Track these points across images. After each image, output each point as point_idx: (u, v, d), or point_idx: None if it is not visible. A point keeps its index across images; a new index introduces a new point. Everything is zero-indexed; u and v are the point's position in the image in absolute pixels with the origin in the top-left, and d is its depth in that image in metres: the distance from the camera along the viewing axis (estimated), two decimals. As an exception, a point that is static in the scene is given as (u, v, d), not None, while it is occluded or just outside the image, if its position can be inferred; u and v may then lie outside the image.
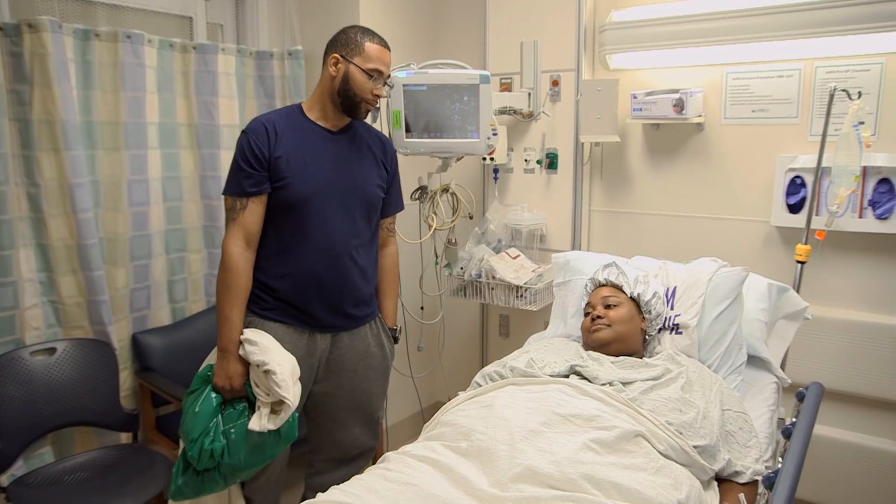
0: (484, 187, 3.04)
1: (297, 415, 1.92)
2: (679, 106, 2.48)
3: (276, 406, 1.85)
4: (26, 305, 2.29)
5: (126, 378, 2.55)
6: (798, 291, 2.32)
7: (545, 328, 2.86)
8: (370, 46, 1.95)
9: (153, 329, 2.64)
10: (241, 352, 1.90)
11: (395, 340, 2.27)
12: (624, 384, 1.79)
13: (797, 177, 2.42)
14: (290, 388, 1.81)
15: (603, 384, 1.78)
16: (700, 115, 2.57)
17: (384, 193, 2.13)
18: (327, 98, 1.98)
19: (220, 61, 2.69)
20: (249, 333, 1.92)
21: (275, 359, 1.85)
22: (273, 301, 2.01)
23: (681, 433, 1.63)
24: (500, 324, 3.13)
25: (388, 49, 2.00)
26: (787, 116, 2.46)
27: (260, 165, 1.92)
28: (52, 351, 2.31)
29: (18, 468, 2.24)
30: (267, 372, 1.83)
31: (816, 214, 2.34)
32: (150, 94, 2.52)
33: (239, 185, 1.93)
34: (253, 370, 1.88)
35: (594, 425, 1.59)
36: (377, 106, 2.04)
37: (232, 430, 1.86)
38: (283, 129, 1.96)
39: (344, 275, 2.02)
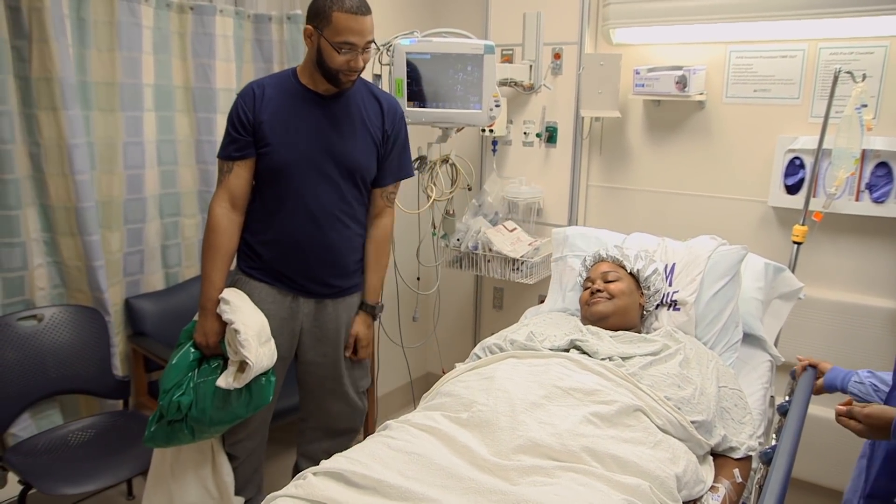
0: (482, 159, 3.02)
1: (273, 379, 1.95)
2: (682, 83, 2.47)
3: (244, 365, 1.87)
4: (34, 265, 2.28)
5: (119, 343, 2.53)
6: (793, 272, 2.34)
7: (539, 302, 2.87)
8: (338, 17, 1.78)
9: (146, 294, 2.62)
10: (217, 310, 1.93)
11: (374, 317, 2.18)
12: (623, 359, 1.81)
13: (796, 158, 2.43)
14: (253, 349, 1.83)
15: (603, 359, 1.80)
16: (702, 93, 2.57)
17: (378, 160, 2.05)
18: (313, 66, 1.91)
19: (218, 23, 2.64)
20: (226, 293, 1.94)
21: (242, 318, 1.87)
22: (259, 262, 2.03)
23: (679, 408, 1.65)
24: (494, 296, 3.14)
25: (364, 13, 1.81)
26: (788, 97, 2.46)
27: (245, 130, 1.92)
28: (39, 318, 2.28)
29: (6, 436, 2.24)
30: (234, 331, 1.86)
31: (814, 196, 2.36)
32: (147, 55, 2.47)
33: (226, 149, 1.95)
34: (228, 329, 1.91)
35: (594, 399, 1.61)
36: (359, 73, 1.91)
37: (202, 385, 1.89)
38: (271, 94, 1.94)
39: (325, 243, 2.01)
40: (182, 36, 2.59)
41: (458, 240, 2.76)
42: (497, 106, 2.29)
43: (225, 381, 1.86)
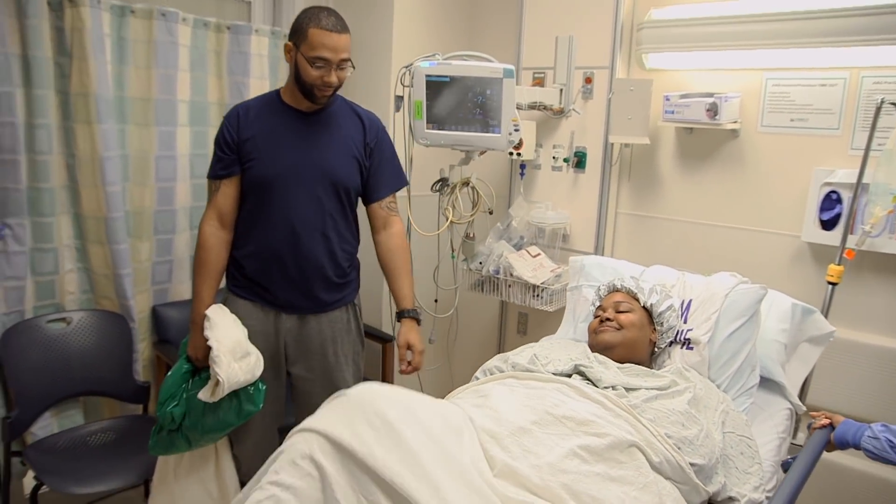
0: (511, 182, 2.99)
1: (262, 387, 2.01)
2: (712, 111, 2.38)
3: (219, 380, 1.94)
4: (64, 270, 2.39)
5: (144, 349, 2.61)
6: (828, 313, 2.21)
7: (562, 329, 2.81)
8: (313, 32, 1.86)
9: (173, 302, 2.70)
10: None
11: (418, 322, 2.16)
12: (628, 390, 1.74)
13: (833, 191, 2.30)
14: (224, 366, 1.88)
15: (605, 388, 1.74)
16: (736, 122, 2.47)
17: (363, 174, 2.10)
18: (293, 83, 1.99)
19: (254, 42, 2.72)
20: (210, 309, 2.01)
21: (216, 335, 1.93)
22: (243, 279, 2.10)
23: (679, 448, 1.57)
24: (519, 321, 3.09)
25: (339, 32, 1.89)
26: (827, 128, 2.34)
27: (229, 149, 2.00)
28: (67, 321, 2.38)
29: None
30: (208, 348, 1.93)
31: (851, 233, 2.23)
32: (183, 72, 2.56)
33: (213, 169, 2.04)
34: None
35: (586, 430, 1.54)
36: (334, 88, 1.97)
37: (194, 397, 1.96)
38: (255, 114, 2.02)
39: (307, 256, 2.05)
40: (218, 54, 2.68)
41: (480, 263, 2.73)
42: (516, 130, 2.26)
43: (204, 394, 1.93)
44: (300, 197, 2.01)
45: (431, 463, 1.33)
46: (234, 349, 1.93)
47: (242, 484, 2.18)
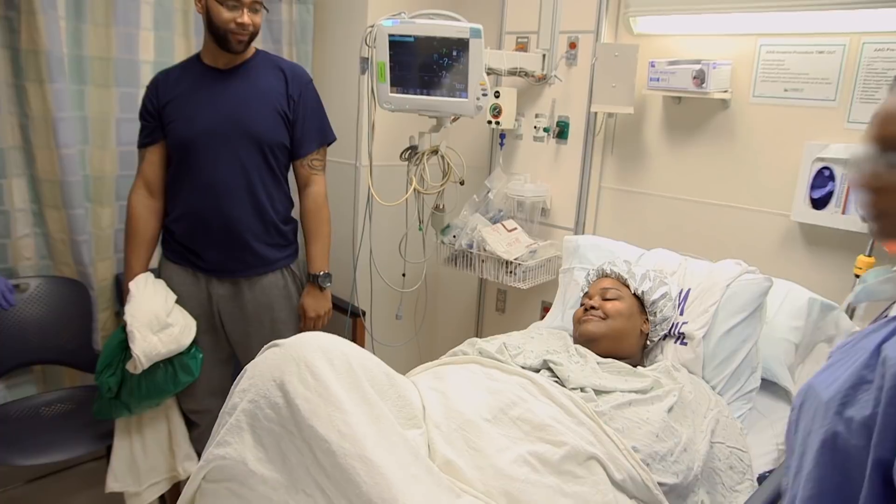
0: (491, 153, 2.85)
1: (199, 356, 2.06)
2: (699, 78, 2.21)
3: None
4: (18, 235, 2.31)
5: (107, 318, 2.54)
6: (853, 311, 2.02)
7: (542, 308, 2.69)
8: None
9: (137, 271, 2.62)
10: None
11: (321, 288, 2.21)
12: (599, 393, 1.58)
13: (825, 168, 2.12)
14: (138, 340, 1.91)
15: (573, 389, 1.58)
16: (726, 91, 2.29)
17: (289, 129, 2.09)
18: (209, 38, 1.97)
19: (223, 2, 2.59)
20: (133, 282, 2.02)
21: (131, 310, 1.95)
22: (174, 244, 2.10)
23: (648, 464, 1.43)
24: (497, 299, 2.97)
25: None
26: (823, 99, 2.15)
27: (151, 116, 2.02)
28: (22, 288, 2.31)
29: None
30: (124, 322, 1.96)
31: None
32: (146, 31, 2.46)
33: (139, 138, 2.07)
34: None
35: (541, 436, 1.40)
36: (249, 33, 1.97)
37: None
38: (175, 77, 2.03)
39: (231, 216, 2.03)
40: (185, 13, 2.56)
41: (454, 236, 2.61)
42: (484, 95, 2.12)
43: (130, 365, 1.94)
44: (221, 157, 1.99)
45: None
46: (150, 322, 1.93)
47: (193, 442, 2.23)
